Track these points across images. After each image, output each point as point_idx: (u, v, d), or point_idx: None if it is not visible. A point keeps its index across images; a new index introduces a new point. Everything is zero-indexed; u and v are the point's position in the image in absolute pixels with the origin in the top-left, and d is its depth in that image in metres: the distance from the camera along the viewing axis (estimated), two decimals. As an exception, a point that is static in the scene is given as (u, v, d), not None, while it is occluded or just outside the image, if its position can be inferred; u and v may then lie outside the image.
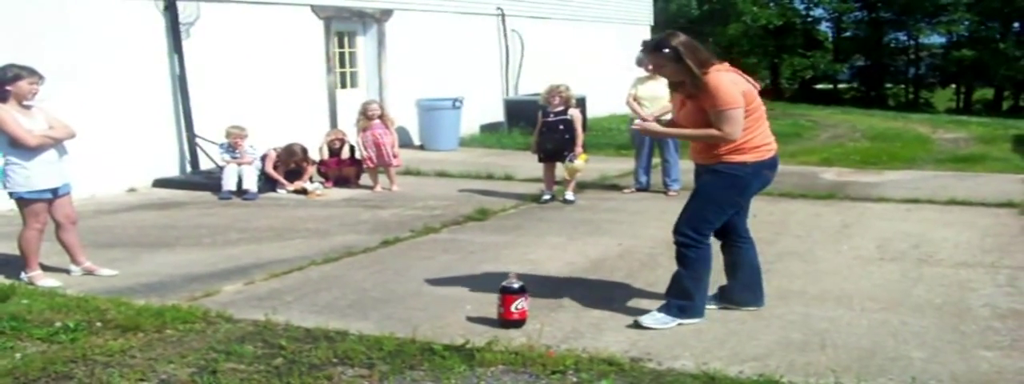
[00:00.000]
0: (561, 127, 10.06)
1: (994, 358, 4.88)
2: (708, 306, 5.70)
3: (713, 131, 5.31)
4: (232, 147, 11.16)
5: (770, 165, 5.65)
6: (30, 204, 6.62)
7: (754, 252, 5.91)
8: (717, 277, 5.79)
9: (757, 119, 5.49)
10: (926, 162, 13.91)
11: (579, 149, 10.10)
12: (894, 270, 6.89)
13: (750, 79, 5.54)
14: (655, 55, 5.43)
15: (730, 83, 5.29)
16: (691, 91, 5.37)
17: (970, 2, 44.27)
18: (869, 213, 9.43)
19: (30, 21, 10.18)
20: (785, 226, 8.69)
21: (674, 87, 5.62)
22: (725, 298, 5.88)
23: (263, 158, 11.27)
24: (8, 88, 6.45)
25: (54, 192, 6.70)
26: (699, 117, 5.37)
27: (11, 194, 6.62)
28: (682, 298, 5.53)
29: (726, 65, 5.44)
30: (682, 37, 5.36)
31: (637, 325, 5.46)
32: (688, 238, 5.50)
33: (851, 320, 5.58)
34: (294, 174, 11.29)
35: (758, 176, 5.60)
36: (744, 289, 5.88)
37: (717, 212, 5.59)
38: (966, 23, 44.69)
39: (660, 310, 5.55)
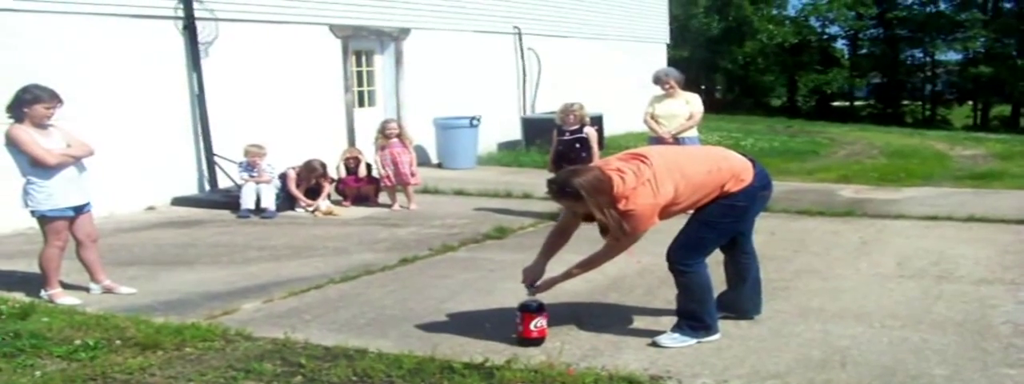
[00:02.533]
0: (577, 146, 10.06)
1: (1017, 376, 4.84)
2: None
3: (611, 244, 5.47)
4: (251, 165, 11.21)
5: (761, 186, 5.53)
6: (51, 222, 6.66)
7: (757, 266, 5.92)
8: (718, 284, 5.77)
9: (718, 170, 5.38)
10: (944, 179, 13.84)
11: (595, 167, 10.09)
12: (914, 287, 6.85)
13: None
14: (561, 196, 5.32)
15: (650, 211, 5.23)
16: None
17: (986, 19, 44.25)
18: (888, 230, 9.38)
19: (49, 40, 10.30)
20: (803, 243, 8.65)
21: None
22: (726, 307, 5.86)
23: (282, 177, 11.31)
24: (25, 110, 6.51)
25: (75, 210, 6.74)
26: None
27: (33, 212, 6.67)
28: (692, 319, 5.51)
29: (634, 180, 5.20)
30: (583, 178, 5.18)
31: (656, 345, 5.44)
32: (684, 265, 5.49)
33: (871, 337, 5.55)
34: (313, 192, 11.31)
35: (755, 199, 5.53)
36: (746, 300, 5.91)
37: (715, 239, 5.59)
38: (982, 40, 44.64)
39: (675, 329, 5.53)
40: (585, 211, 5.31)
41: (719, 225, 5.50)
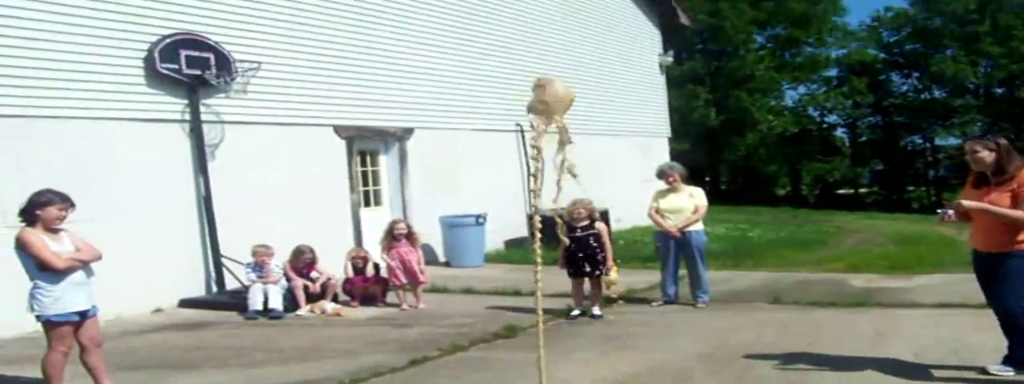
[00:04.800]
0: (592, 242, 10.02)
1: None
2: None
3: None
4: (259, 265, 11.18)
5: None
6: (57, 327, 6.61)
7: None
8: None
9: None
10: (955, 265, 13.70)
11: (611, 262, 10.07)
12: (933, 379, 6.73)
13: None
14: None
15: None
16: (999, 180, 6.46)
17: (979, 104, 44.75)
18: (902, 319, 9.28)
19: (55, 144, 10.40)
20: (817, 336, 8.55)
21: (978, 182, 6.71)
22: None
23: (288, 278, 11.27)
24: (38, 212, 6.54)
25: (82, 314, 6.70)
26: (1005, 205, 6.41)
27: (38, 317, 6.62)
28: None
29: None
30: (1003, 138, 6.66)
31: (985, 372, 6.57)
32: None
33: (894, 433, 5.44)
34: (316, 297, 11.25)
35: None
36: None
37: None
38: (979, 124, 45.05)
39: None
40: (983, 168, 6.65)
41: None
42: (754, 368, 7.30)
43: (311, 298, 11.23)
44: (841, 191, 52.25)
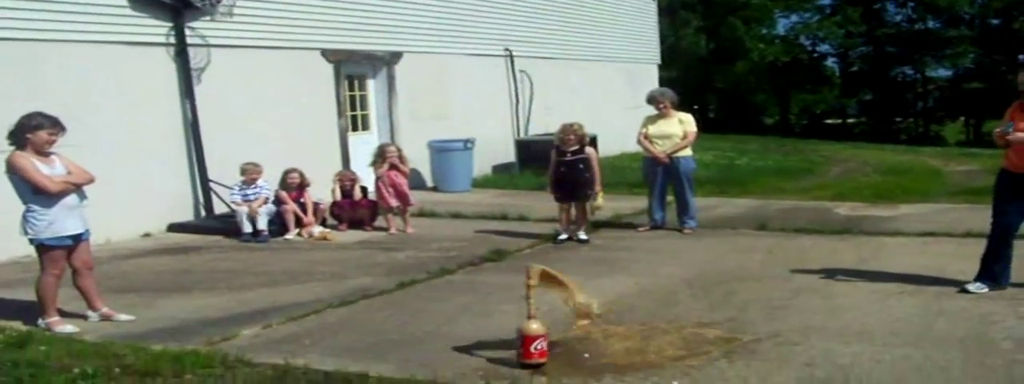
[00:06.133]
0: (581, 166, 10.04)
1: (1021, 392, 4.83)
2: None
3: None
4: (248, 183, 11.17)
5: None
6: (50, 251, 6.63)
7: None
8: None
9: None
10: (939, 195, 13.85)
11: (599, 187, 10.10)
12: (914, 304, 6.84)
13: None
14: None
15: None
16: None
17: (973, 36, 44.49)
18: (885, 247, 9.38)
19: (40, 69, 10.28)
20: (802, 262, 8.64)
21: None
22: None
23: (277, 202, 11.25)
24: (28, 136, 6.51)
25: (75, 238, 6.71)
26: None
27: (32, 240, 6.63)
28: None
29: None
30: None
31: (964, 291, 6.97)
32: None
33: (874, 355, 5.54)
34: (303, 208, 11.28)
35: None
36: None
37: None
38: (971, 56, 44.87)
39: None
40: None
41: None
42: (739, 292, 7.39)
43: (300, 222, 11.26)
44: (829, 121, 52.23)
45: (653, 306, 7.05)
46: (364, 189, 11.87)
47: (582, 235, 10.17)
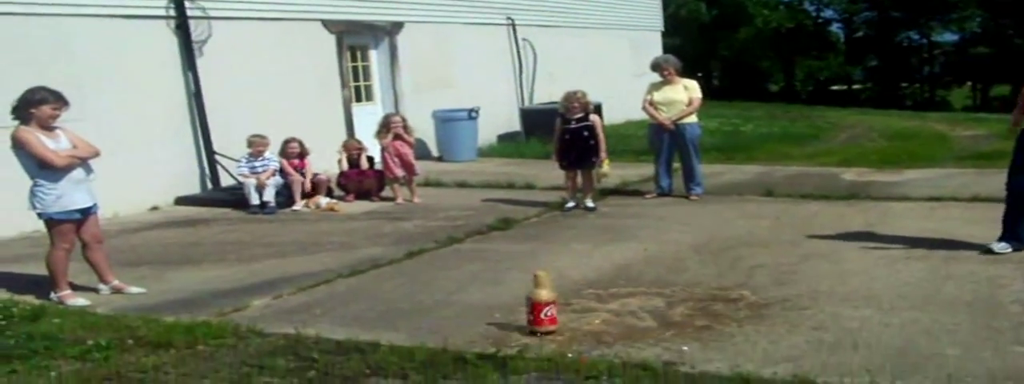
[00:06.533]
0: (586, 134, 10.03)
1: (1030, 353, 4.85)
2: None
3: None
4: (255, 155, 11.17)
5: None
6: (59, 224, 6.65)
7: None
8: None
9: None
10: (946, 160, 13.84)
11: (604, 154, 10.10)
12: (922, 268, 6.85)
13: None
14: None
15: None
16: None
17: (979, -1, 44.20)
18: (892, 212, 9.38)
19: (40, 44, 10.24)
20: (809, 227, 8.65)
21: None
22: None
23: (284, 174, 11.24)
24: (32, 110, 6.50)
25: (82, 212, 6.73)
26: None
27: (40, 214, 6.66)
28: None
29: None
30: None
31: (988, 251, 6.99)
32: None
33: (882, 319, 5.56)
34: (311, 192, 11.28)
35: None
36: None
37: None
38: (978, 20, 44.60)
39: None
40: None
41: None
42: (746, 258, 7.41)
43: (305, 194, 11.26)
44: (834, 87, 52.08)
45: (662, 272, 7.06)
46: (371, 159, 11.85)
47: (589, 203, 10.18)
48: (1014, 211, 7.22)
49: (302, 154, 11.45)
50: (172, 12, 11.73)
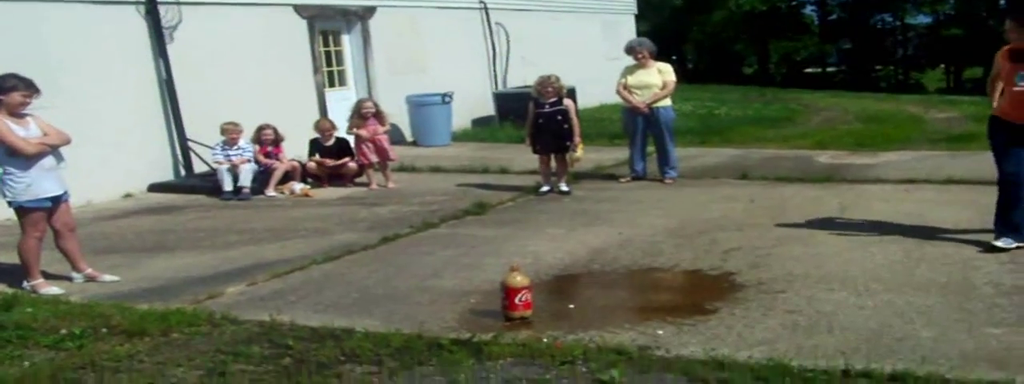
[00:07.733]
0: (559, 118, 10.01)
1: (1002, 335, 4.88)
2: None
3: None
4: (229, 143, 11.10)
5: None
6: (30, 213, 6.59)
7: None
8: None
9: None
10: (920, 142, 13.92)
11: (578, 139, 10.09)
12: (896, 251, 6.89)
13: None
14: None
15: None
16: None
17: (954, -19, 44.36)
18: (867, 195, 9.43)
19: (10, 30, 10.09)
20: (783, 210, 8.69)
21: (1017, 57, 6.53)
22: None
23: (258, 161, 11.17)
24: (1, 98, 6.43)
25: (54, 200, 6.67)
26: None
27: (11, 203, 6.59)
28: None
29: None
30: None
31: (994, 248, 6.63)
32: None
33: (856, 302, 5.59)
34: (285, 178, 11.21)
35: None
36: None
37: None
38: (951, 2, 44.77)
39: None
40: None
41: None
42: (721, 242, 7.43)
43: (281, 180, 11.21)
44: (809, 70, 52.24)
45: (637, 256, 7.07)
46: (344, 141, 11.73)
47: (564, 187, 10.17)
48: (1006, 201, 6.85)
49: (277, 140, 11.39)
50: (142, -2, 11.61)
